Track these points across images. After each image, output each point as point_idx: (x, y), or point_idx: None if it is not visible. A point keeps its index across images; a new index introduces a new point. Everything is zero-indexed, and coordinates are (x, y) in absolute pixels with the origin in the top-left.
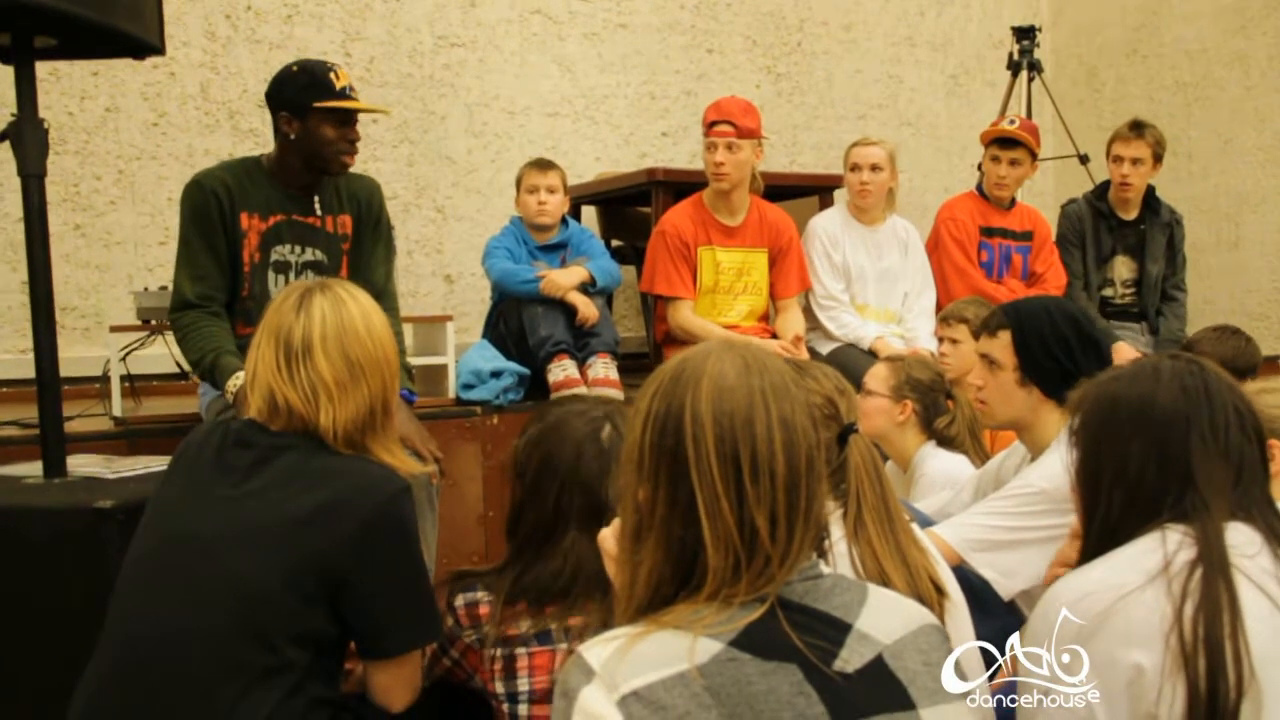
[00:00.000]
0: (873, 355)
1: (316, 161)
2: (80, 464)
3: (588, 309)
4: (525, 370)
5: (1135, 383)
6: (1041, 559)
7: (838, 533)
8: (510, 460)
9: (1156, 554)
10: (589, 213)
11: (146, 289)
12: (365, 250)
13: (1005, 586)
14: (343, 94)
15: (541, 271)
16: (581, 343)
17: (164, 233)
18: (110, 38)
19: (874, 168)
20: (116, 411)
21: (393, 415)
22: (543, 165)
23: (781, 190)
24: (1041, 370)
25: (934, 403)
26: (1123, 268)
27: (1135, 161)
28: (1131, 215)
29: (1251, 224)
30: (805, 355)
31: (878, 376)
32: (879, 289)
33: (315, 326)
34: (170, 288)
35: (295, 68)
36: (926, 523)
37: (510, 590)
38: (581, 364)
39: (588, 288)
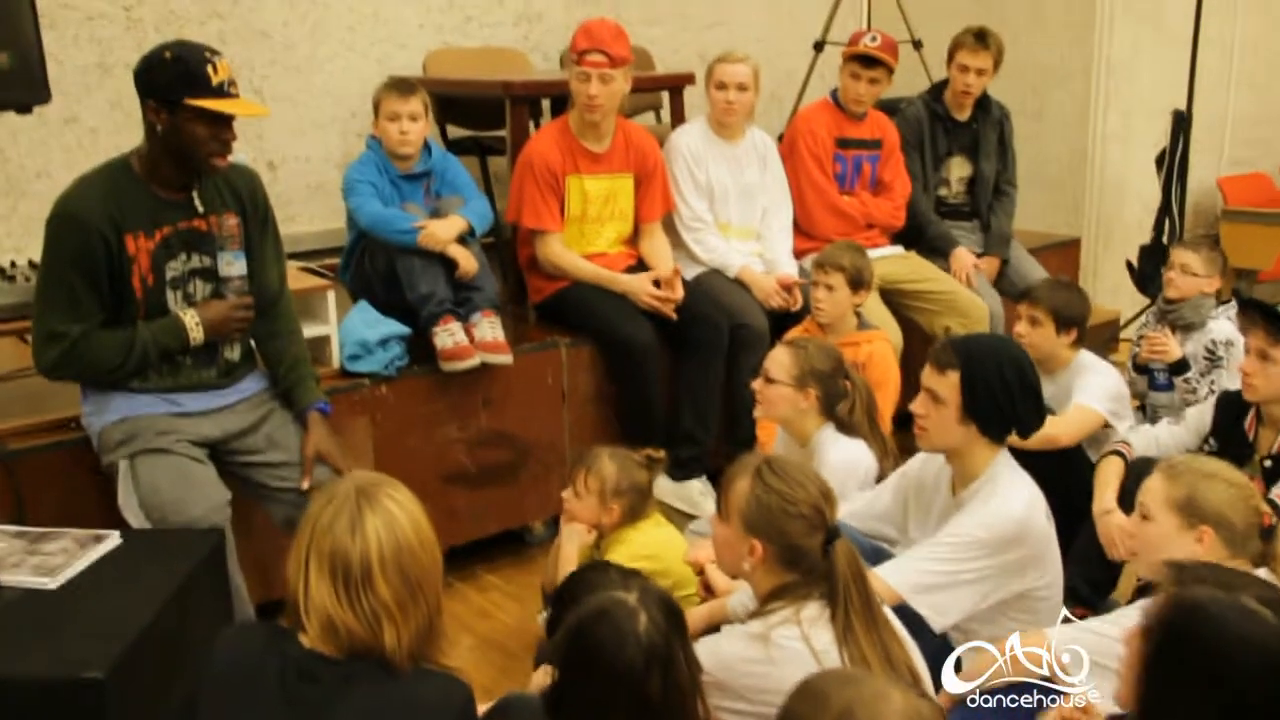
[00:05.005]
0: (738, 283)
1: (186, 161)
2: None
3: (468, 263)
4: (407, 330)
5: None
6: (971, 597)
7: (827, 636)
8: (544, 636)
9: None
10: None
11: None
12: (256, 252)
13: (939, 623)
14: (220, 90)
15: (420, 222)
16: (462, 297)
17: None
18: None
19: (740, 87)
20: None
21: (442, 610)
22: (403, 90)
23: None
24: (982, 412)
25: (834, 389)
26: (958, 167)
27: (980, 72)
28: (965, 116)
29: (1055, 97)
30: (681, 291)
31: (780, 364)
32: (740, 206)
33: (373, 550)
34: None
35: (169, 54)
36: (863, 548)
37: None
38: (464, 321)
39: (465, 237)
